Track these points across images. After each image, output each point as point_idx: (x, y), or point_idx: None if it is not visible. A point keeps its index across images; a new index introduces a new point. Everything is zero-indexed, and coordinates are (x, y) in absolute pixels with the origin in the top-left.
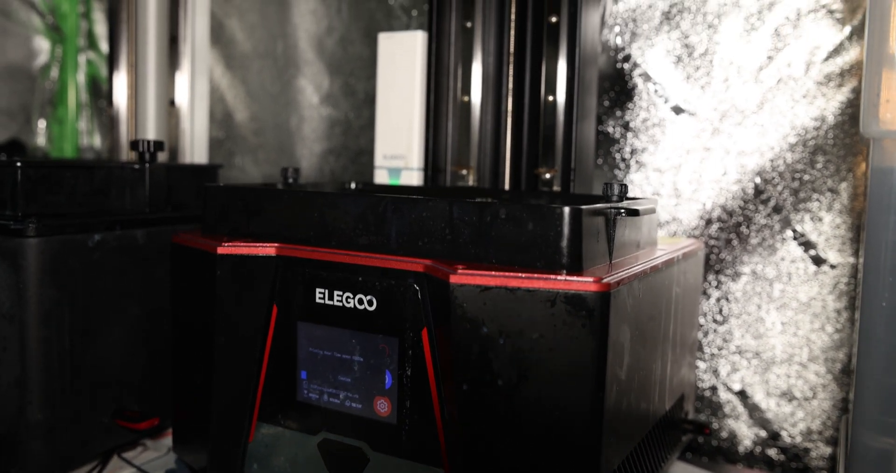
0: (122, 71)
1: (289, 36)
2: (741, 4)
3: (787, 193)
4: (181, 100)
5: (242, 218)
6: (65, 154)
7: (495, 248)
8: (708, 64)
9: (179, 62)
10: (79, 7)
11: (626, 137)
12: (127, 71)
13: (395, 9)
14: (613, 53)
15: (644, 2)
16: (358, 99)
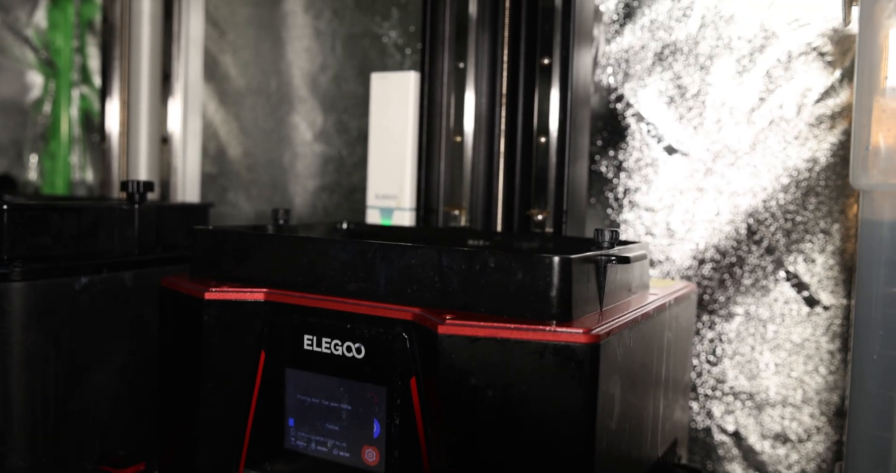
0: (114, 106)
1: (283, 73)
2: (733, 46)
3: (780, 234)
4: (174, 136)
5: (231, 262)
6: (56, 189)
7: (484, 296)
8: (700, 105)
9: (172, 99)
10: (73, 42)
11: (619, 176)
12: (119, 107)
13: (389, 47)
14: (606, 93)
15: (636, 43)
16: (351, 136)
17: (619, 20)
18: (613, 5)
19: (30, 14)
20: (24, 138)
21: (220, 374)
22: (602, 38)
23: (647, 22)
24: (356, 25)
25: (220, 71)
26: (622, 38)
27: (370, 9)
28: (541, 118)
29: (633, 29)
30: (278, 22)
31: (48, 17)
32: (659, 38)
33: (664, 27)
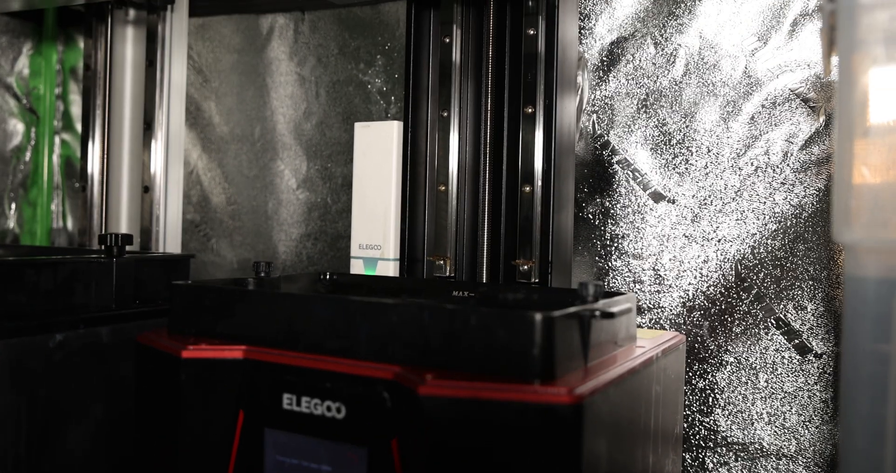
0: (95, 155)
1: (267, 119)
2: (717, 93)
3: (769, 280)
4: (155, 185)
5: (210, 318)
6: (36, 238)
7: (467, 354)
8: (686, 151)
9: (154, 147)
10: (56, 89)
11: (605, 223)
12: (100, 155)
13: (374, 94)
14: (592, 140)
15: (621, 89)
16: (336, 183)
17: (603, 67)
18: (597, 52)
19: (12, 62)
20: (4, 187)
21: (198, 434)
22: (586, 85)
23: (631, 69)
24: (341, 72)
25: (204, 118)
26: (607, 85)
27: (354, 56)
28: (525, 167)
29: (618, 76)
30: (262, 69)
31: (31, 65)
32: (643, 84)
33: (648, 74)
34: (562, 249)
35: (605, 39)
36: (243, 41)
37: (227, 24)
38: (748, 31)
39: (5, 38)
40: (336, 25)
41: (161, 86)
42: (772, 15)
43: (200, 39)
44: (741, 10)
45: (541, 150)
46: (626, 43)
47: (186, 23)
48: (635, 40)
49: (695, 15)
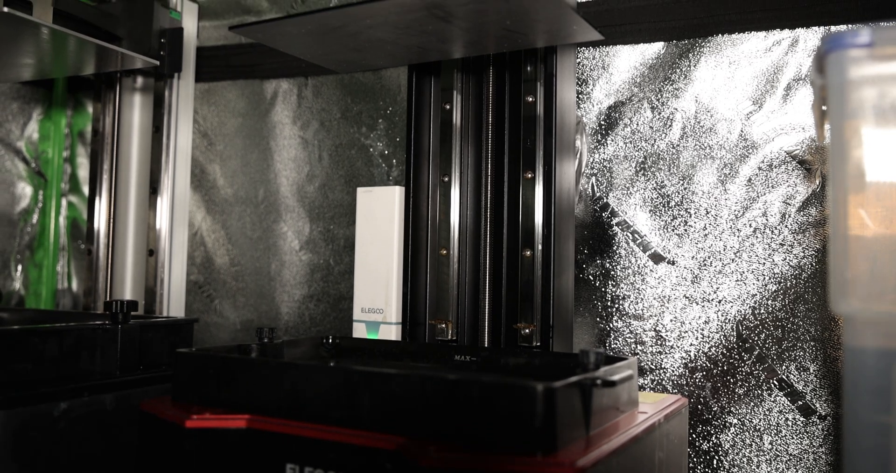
0: (102, 218)
1: (270, 182)
2: (714, 156)
3: (771, 341)
4: (160, 249)
5: (213, 386)
6: (41, 299)
7: (469, 425)
8: (685, 213)
9: (159, 212)
10: (64, 152)
11: (606, 284)
12: (107, 218)
13: (376, 157)
14: (591, 202)
15: (620, 152)
16: (338, 245)
17: (602, 131)
18: (595, 116)
19: (22, 127)
20: (11, 249)
21: None
22: (585, 148)
23: (628, 132)
24: (343, 136)
25: (209, 180)
26: (605, 148)
27: (357, 120)
28: (525, 232)
29: (616, 139)
30: (266, 132)
31: (40, 129)
32: (641, 147)
33: (646, 138)
34: (563, 312)
35: (602, 104)
36: (248, 105)
37: (232, 88)
38: (743, 95)
39: (16, 104)
40: (339, 90)
41: (167, 151)
42: (765, 79)
43: (206, 104)
44: (735, 74)
45: (541, 214)
46: (624, 107)
47: (193, 89)
48: (632, 104)
49: (690, 80)
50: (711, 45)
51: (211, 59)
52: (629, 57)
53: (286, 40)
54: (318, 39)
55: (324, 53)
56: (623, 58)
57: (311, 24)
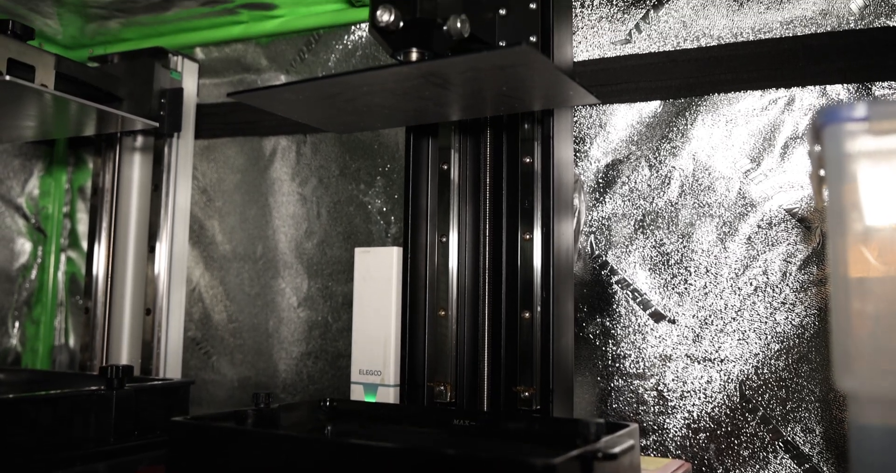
0: (100, 276)
1: (268, 239)
2: (713, 214)
3: (775, 402)
4: (157, 308)
5: (208, 456)
6: (38, 355)
7: None
8: (685, 271)
9: (157, 270)
10: (64, 208)
11: (606, 343)
12: (104, 276)
13: (374, 214)
14: (591, 260)
15: (618, 210)
16: (336, 302)
17: (600, 189)
18: (593, 174)
19: (23, 184)
20: (9, 306)
21: None
22: (583, 206)
23: (626, 190)
24: (342, 193)
25: (207, 236)
26: (604, 206)
27: (355, 177)
28: (524, 293)
29: (614, 197)
30: (265, 189)
31: (41, 186)
32: (639, 206)
33: (644, 196)
34: (563, 374)
35: (600, 162)
36: (247, 162)
37: (231, 145)
38: (740, 153)
39: (18, 160)
40: (337, 147)
41: (165, 210)
42: (763, 138)
43: (206, 160)
44: (732, 133)
45: (539, 276)
46: (622, 165)
47: (192, 148)
48: (630, 163)
49: (687, 138)
50: (708, 103)
51: (211, 116)
52: (626, 115)
53: (283, 105)
54: (314, 104)
55: (321, 117)
56: (620, 116)
57: (307, 92)
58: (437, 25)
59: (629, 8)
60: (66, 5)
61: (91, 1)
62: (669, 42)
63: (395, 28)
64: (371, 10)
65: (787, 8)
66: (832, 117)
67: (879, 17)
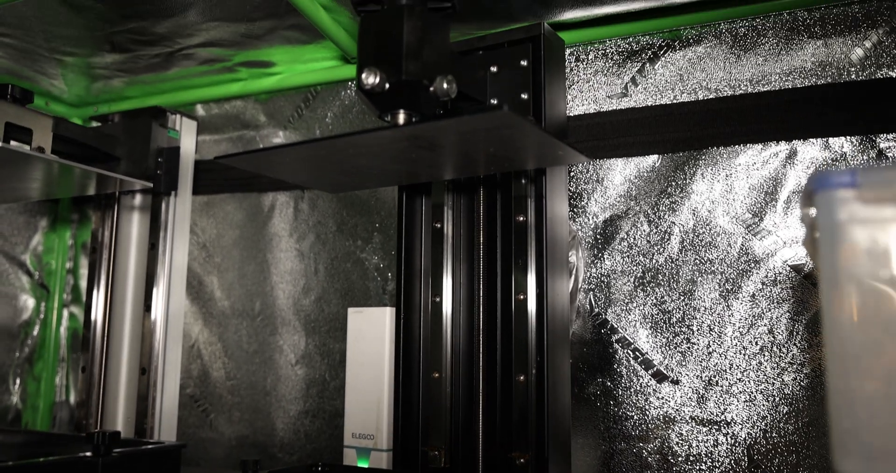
0: (97, 334)
1: (266, 295)
2: (715, 271)
3: (786, 467)
4: (152, 367)
5: None
6: (38, 412)
7: None
8: (687, 330)
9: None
10: (67, 263)
11: (608, 404)
12: (101, 335)
13: (371, 270)
14: (590, 318)
15: (617, 267)
16: (334, 360)
17: (598, 245)
18: (591, 230)
19: (28, 240)
20: (10, 363)
21: None
22: (581, 263)
23: (625, 247)
24: (339, 249)
25: (206, 292)
26: (602, 262)
27: (352, 233)
28: (518, 355)
29: (613, 254)
30: (263, 245)
31: (45, 242)
32: (639, 262)
33: (644, 252)
34: (559, 438)
35: (598, 217)
36: (245, 218)
37: (230, 201)
38: (742, 207)
39: (22, 218)
40: (334, 203)
41: (162, 268)
42: (764, 192)
43: (205, 216)
44: (733, 187)
45: (533, 338)
46: (620, 221)
47: (190, 204)
48: (629, 218)
49: (687, 193)
50: (707, 157)
51: (210, 172)
52: (624, 170)
53: (272, 167)
54: (305, 166)
55: (312, 178)
56: (618, 171)
57: (293, 155)
58: (423, 87)
59: (625, 61)
60: (70, 66)
61: (94, 62)
62: (666, 95)
63: (380, 90)
64: (357, 73)
65: (785, 59)
66: (824, 183)
67: (881, 68)
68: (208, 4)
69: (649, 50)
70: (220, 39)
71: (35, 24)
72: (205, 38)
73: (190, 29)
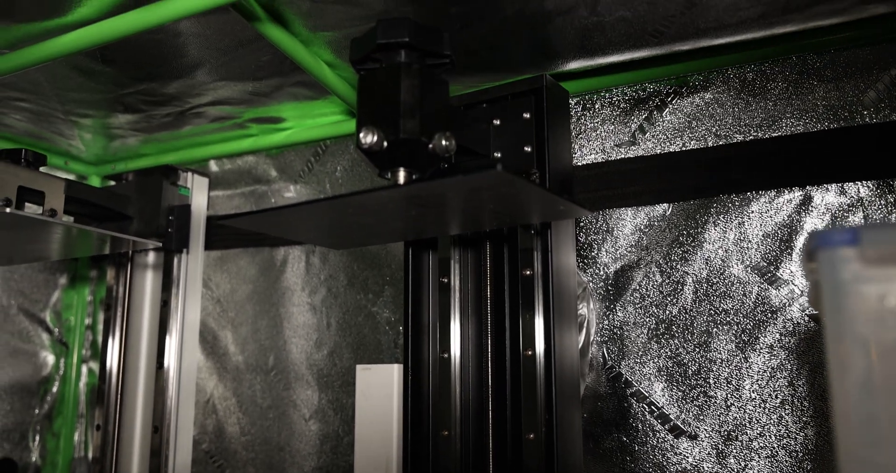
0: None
1: (280, 349)
2: (731, 321)
3: None
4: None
5: None
6: (57, 469)
7: None
8: (704, 383)
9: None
10: (86, 319)
11: (624, 460)
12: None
13: (382, 324)
14: (603, 371)
15: (630, 319)
16: (347, 414)
17: (610, 296)
18: (602, 281)
19: (47, 298)
20: (30, 420)
21: None
22: (593, 315)
23: (638, 297)
24: (350, 303)
25: (221, 347)
26: (614, 314)
27: (363, 287)
28: (528, 413)
29: (625, 305)
30: (276, 299)
31: (64, 298)
32: (652, 313)
33: (657, 303)
34: None
35: (609, 268)
36: (258, 272)
37: (243, 256)
38: (757, 256)
39: (42, 275)
40: (345, 256)
41: (175, 325)
42: (779, 240)
43: (219, 271)
44: (747, 235)
45: (542, 395)
46: (632, 271)
47: (202, 263)
48: (641, 268)
49: (699, 242)
50: (718, 205)
51: (222, 227)
52: (634, 219)
53: (277, 227)
54: (308, 225)
55: (317, 235)
56: (627, 220)
57: (297, 215)
58: (422, 145)
59: (632, 109)
60: (86, 127)
61: (109, 122)
62: (675, 143)
63: (379, 149)
64: (356, 132)
65: (796, 103)
66: (825, 242)
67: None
68: (215, 65)
69: (656, 97)
70: (229, 98)
71: (48, 88)
72: (214, 97)
73: (199, 89)
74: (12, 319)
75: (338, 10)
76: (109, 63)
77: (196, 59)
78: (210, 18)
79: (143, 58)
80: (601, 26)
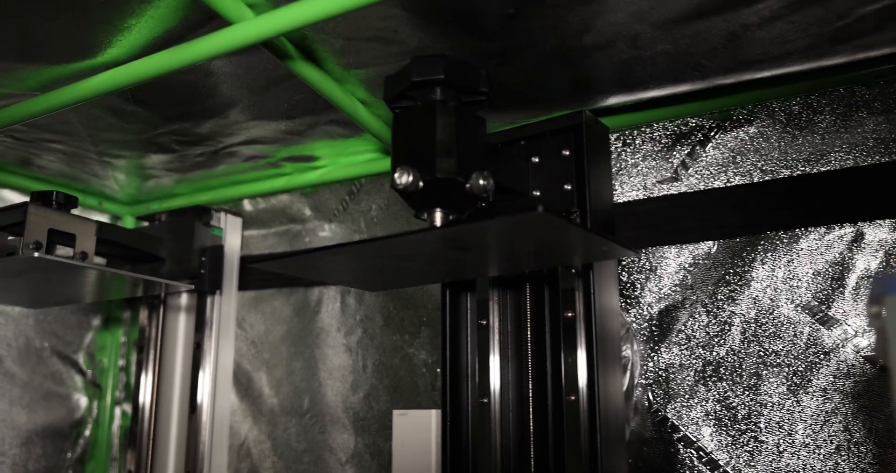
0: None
1: (315, 391)
2: (781, 363)
3: None
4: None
5: None
6: None
7: None
8: (754, 427)
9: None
10: (120, 361)
11: None
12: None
13: (419, 365)
14: (649, 415)
15: (675, 360)
16: (384, 459)
17: (654, 338)
18: (646, 322)
19: (81, 339)
20: (63, 464)
21: None
22: (637, 357)
23: (683, 338)
24: (386, 344)
25: (255, 389)
26: (659, 355)
27: (399, 328)
28: (571, 462)
29: (670, 346)
30: (311, 340)
31: (97, 340)
32: (699, 355)
33: (703, 344)
34: None
35: (653, 308)
36: (293, 313)
37: (278, 296)
38: (807, 294)
39: (76, 317)
40: (381, 297)
41: (208, 368)
42: (831, 278)
43: (254, 312)
44: (796, 273)
45: (586, 442)
46: (677, 311)
47: (235, 304)
48: (686, 308)
49: (747, 281)
50: (766, 242)
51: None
52: (678, 258)
53: (311, 270)
54: (343, 267)
55: (351, 278)
56: (671, 259)
57: (329, 258)
58: (458, 185)
59: (674, 144)
60: (119, 168)
61: (142, 162)
62: (719, 178)
63: (414, 189)
64: (391, 171)
65: (844, 137)
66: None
67: None
68: (247, 104)
69: (699, 132)
70: (263, 137)
71: (81, 129)
72: (247, 137)
73: (231, 128)
74: (45, 361)
75: (371, 47)
76: (141, 103)
77: (228, 98)
78: (241, 58)
79: (174, 98)
80: (641, 60)
